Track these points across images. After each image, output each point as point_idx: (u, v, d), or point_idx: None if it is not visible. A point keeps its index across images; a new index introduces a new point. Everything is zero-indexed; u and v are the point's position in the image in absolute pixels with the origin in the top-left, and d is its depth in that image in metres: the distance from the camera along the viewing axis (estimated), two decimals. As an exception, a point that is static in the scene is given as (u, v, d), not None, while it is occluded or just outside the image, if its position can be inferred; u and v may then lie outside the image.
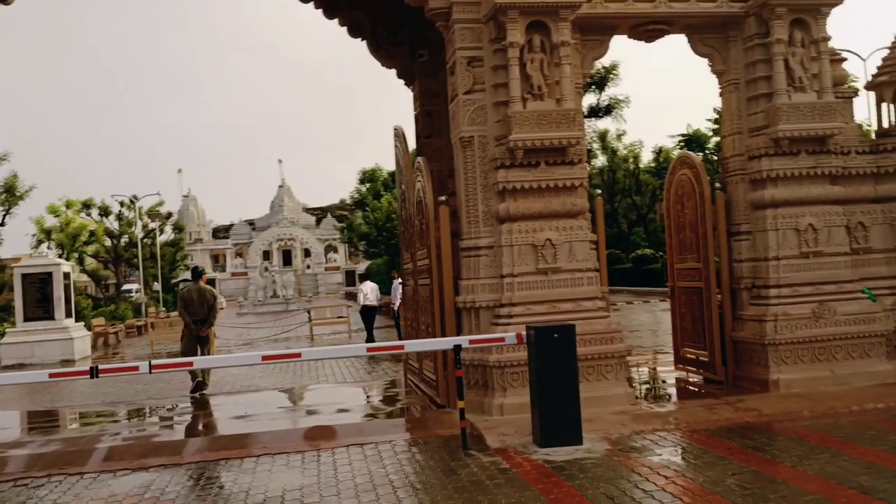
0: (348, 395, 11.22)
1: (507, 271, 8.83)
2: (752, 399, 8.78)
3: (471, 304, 8.92)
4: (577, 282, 8.93)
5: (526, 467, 6.66)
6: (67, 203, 43.06)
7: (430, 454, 7.36)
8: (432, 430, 8.28)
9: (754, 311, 9.54)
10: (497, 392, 8.53)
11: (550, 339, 7.29)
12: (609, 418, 8.10)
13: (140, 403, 11.75)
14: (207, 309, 11.91)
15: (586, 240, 9.04)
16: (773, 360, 9.18)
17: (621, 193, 52.00)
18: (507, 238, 8.84)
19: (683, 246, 10.71)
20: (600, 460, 6.74)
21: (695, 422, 7.93)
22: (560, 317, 8.67)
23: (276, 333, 26.55)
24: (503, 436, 7.66)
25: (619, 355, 8.73)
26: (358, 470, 6.92)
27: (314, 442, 8.03)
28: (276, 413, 10.01)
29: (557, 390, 7.26)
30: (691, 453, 6.87)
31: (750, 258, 9.76)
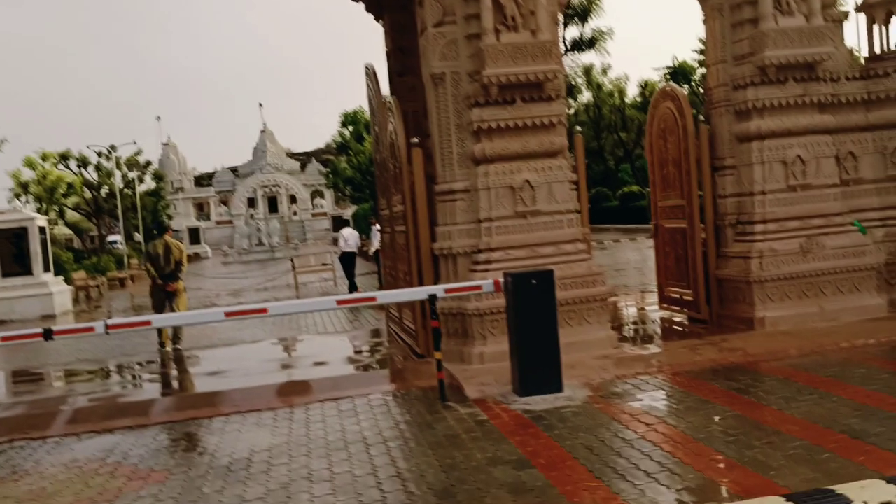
0: (327, 347, 10.95)
1: (484, 216, 8.47)
2: (736, 338, 8.55)
3: (447, 250, 8.59)
4: (558, 224, 8.59)
5: (504, 418, 6.42)
6: (44, 155, 42.21)
7: (407, 408, 7.11)
8: (411, 382, 8.04)
9: (739, 247, 9.25)
10: (477, 340, 8.26)
11: (528, 285, 6.98)
12: (591, 363, 7.86)
13: (115, 360, 11.47)
14: (174, 264, 11.63)
15: (566, 180, 8.67)
16: (759, 298, 8.93)
17: (607, 130, 51.48)
18: (483, 181, 8.46)
19: (667, 183, 10.37)
20: (580, 408, 6.50)
21: (678, 364, 7.70)
22: (540, 261, 8.37)
23: (260, 283, 26.24)
24: (482, 386, 7.42)
25: (601, 299, 8.45)
26: (331, 427, 6.66)
27: (287, 398, 7.77)
28: (251, 368, 9.74)
29: (536, 338, 6.99)
30: (674, 397, 6.64)
31: (735, 193, 9.43)
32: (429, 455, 5.65)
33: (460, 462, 5.42)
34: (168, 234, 11.93)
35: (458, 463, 5.41)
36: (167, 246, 11.65)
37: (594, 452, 5.36)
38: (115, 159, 53.66)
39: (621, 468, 5.02)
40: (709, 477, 4.75)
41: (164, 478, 5.73)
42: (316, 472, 5.51)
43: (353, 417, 6.91)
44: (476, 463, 5.38)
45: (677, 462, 5.04)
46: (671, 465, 5.00)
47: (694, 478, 4.76)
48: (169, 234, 12.01)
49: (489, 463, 5.35)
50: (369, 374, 8.59)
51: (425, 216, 8.77)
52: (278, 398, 7.81)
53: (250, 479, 5.50)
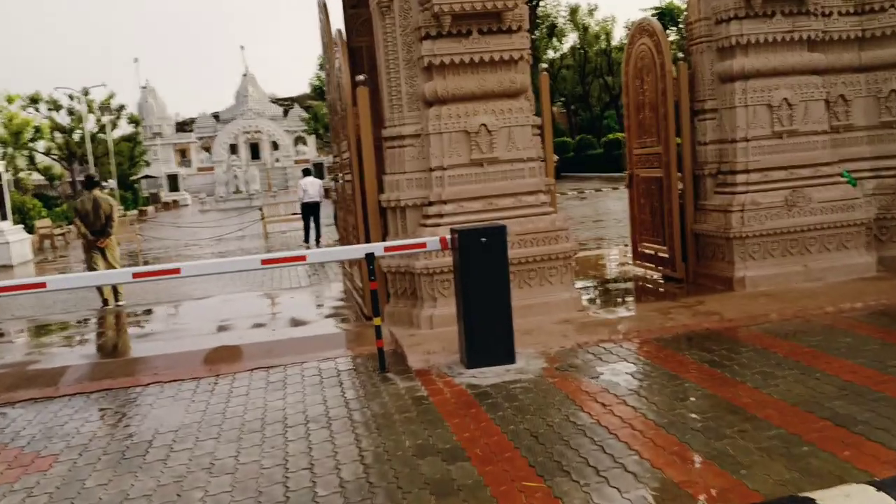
0: (272, 306, 10.15)
1: (436, 164, 7.61)
2: (713, 300, 7.81)
3: (395, 202, 7.74)
4: (518, 174, 7.74)
5: (445, 395, 5.66)
6: (9, 98, 40.61)
7: (342, 379, 6.35)
8: (353, 348, 7.28)
9: (719, 200, 8.46)
10: (426, 302, 7.48)
11: (477, 243, 6.17)
12: (550, 328, 7.11)
13: (48, 319, 10.63)
14: (105, 219, 10.99)
15: (528, 124, 7.80)
16: (739, 256, 8.17)
17: (593, 74, 50.21)
18: (435, 124, 7.58)
19: (643, 128, 9.50)
20: (532, 383, 5.75)
21: (646, 330, 6.96)
22: (497, 215, 7.55)
23: (228, 232, 25.33)
24: (428, 354, 6.65)
25: (565, 256, 7.66)
26: (252, 403, 5.90)
27: (214, 366, 6.99)
28: (188, 329, 8.95)
29: (486, 303, 6.20)
30: (639, 371, 5.89)
31: (716, 140, 8.60)
32: (352, 442, 4.89)
33: (386, 451, 4.67)
34: (98, 189, 11.26)
35: (383, 452, 4.66)
36: (96, 201, 10.98)
37: (539, 441, 4.62)
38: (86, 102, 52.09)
39: (568, 463, 4.27)
40: (669, 476, 4.01)
41: (48, 465, 4.97)
42: (219, 462, 4.75)
43: (279, 391, 6.14)
44: (403, 452, 4.63)
45: (634, 456, 4.29)
46: (627, 459, 4.26)
47: (651, 478, 4.02)
48: (100, 188, 11.39)
49: (418, 453, 4.60)
50: (309, 339, 7.81)
51: (371, 164, 7.91)
52: (205, 366, 7.03)
53: (143, 470, 4.74)
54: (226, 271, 6.26)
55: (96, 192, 11.11)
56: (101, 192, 11.27)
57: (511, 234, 7.45)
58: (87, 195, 11.07)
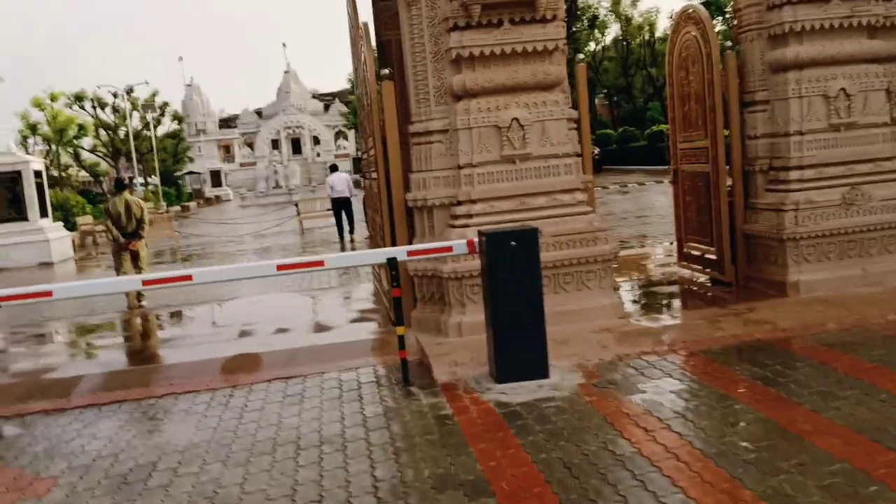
0: (298, 309, 9.78)
1: (464, 160, 7.17)
2: (765, 307, 7.25)
3: (422, 202, 7.32)
4: (552, 170, 7.26)
5: (472, 414, 5.23)
6: (52, 96, 41.10)
7: (363, 393, 5.95)
8: (378, 357, 6.88)
9: (771, 198, 7.87)
10: (454, 308, 7.05)
11: (506, 246, 5.72)
12: (588, 338, 6.63)
13: (72, 321, 10.42)
14: (136, 221, 10.94)
15: (563, 117, 7.30)
16: (793, 258, 7.59)
17: (636, 66, 49.18)
18: (463, 119, 7.13)
19: (688, 121, 8.93)
20: (567, 402, 5.29)
21: (693, 341, 6.44)
22: (531, 214, 7.09)
23: (267, 228, 25.20)
24: (455, 366, 6.22)
25: (604, 259, 7.16)
26: (266, 419, 5.53)
27: (232, 376, 6.65)
28: (207, 334, 8.65)
29: (517, 312, 5.75)
30: (685, 390, 5.39)
31: (767, 133, 8.00)
32: (367, 470, 4.48)
33: (402, 482, 4.26)
34: (129, 192, 11.23)
35: (399, 484, 4.24)
36: (127, 203, 10.92)
37: (573, 473, 4.16)
38: (130, 100, 52.69)
39: (605, 502, 3.81)
40: (718, 521, 3.54)
41: (46, 489, 4.66)
42: (223, 491, 4.38)
43: (295, 406, 5.77)
44: (421, 484, 4.21)
45: (679, 494, 3.81)
46: (671, 498, 3.78)
47: (697, 522, 3.55)
48: (131, 191, 11.27)
49: (438, 484, 4.17)
50: (332, 346, 7.43)
51: (397, 161, 7.49)
52: (222, 376, 6.70)
53: (143, 497, 4.40)
54: (238, 278, 5.90)
55: (126, 195, 11.07)
56: (131, 194, 11.23)
57: (545, 235, 6.99)
58: (118, 197, 11.03)
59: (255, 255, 18.24)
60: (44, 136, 40.41)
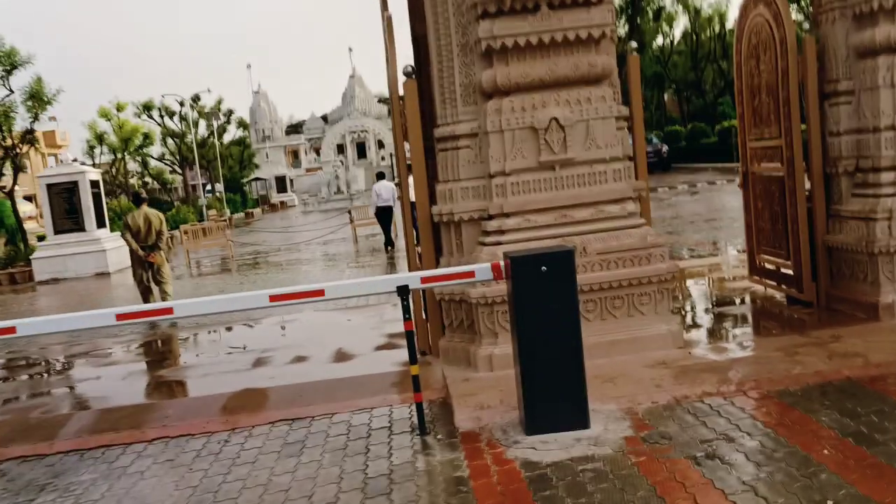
0: (325, 331, 8.96)
1: (496, 168, 6.26)
2: (853, 334, 6.12)
3: (448, 216, 6.43)
4: (599, 177, 6.29)
5: (492, 478, 4.32)
6: (118, 106, 41.68)
7: (373, 443, 5.10)
8: (397, 395, 6.02)
9: (858, 205, 6.72)
10: (485, 338, 6.15)
11: (537, 271, 4.79)
12: (640, 374, 5.64)
13: (85, 345, 9.83)
14: (156, 234, 10.86)
15: (611, 116, 6.32)
16: (886, 275, 6.44)
17: (706, 59, 47.28)
18: (494, 120, 6.23)
19: (759, 116, 7.83)
20: (609, 462, 4.33)
21: (767, 379, 5.37)
22: (573, 229, 6.15)
23: (320, 237, 24.68)
24: (480, 410, 5.32)
25: (660, 280, 6.15)
26: (255, 476, 4.73)
27: (231, 417, 5.89)
28: (219, 363, 7.92)
29: (550, 348, 4.82)
30: (757, 449, 4.35)
31: (852, 129, 6.86)
32: (352, 555, 3.63)
33: (390, 577, 3.39)
34: (145, 205, 11.13)
35: (386, 580, 3.38)
36: (147, 217, 10.84)
37: (605, 574, 3.22)
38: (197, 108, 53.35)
39: None
40: None
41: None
42: (176, 581, 3.59)
43: (293, 458, 4.96)
44: (412, 583, 3.33)
45: None
46: None
47: None
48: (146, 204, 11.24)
49: (432, 585, 3.29)
50: (349, 380, 6.60)
51: (421, 170, 6.64)
52: (221, 417, 5.95)
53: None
54: (223, 311, 5.13)
55: (145, 208, 11.02)
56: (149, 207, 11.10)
57: (590, 253, 6.05)
58: (138, 211, 11.10)
59: (302, 265, 17.64)
60: (110, 146, 40.98)
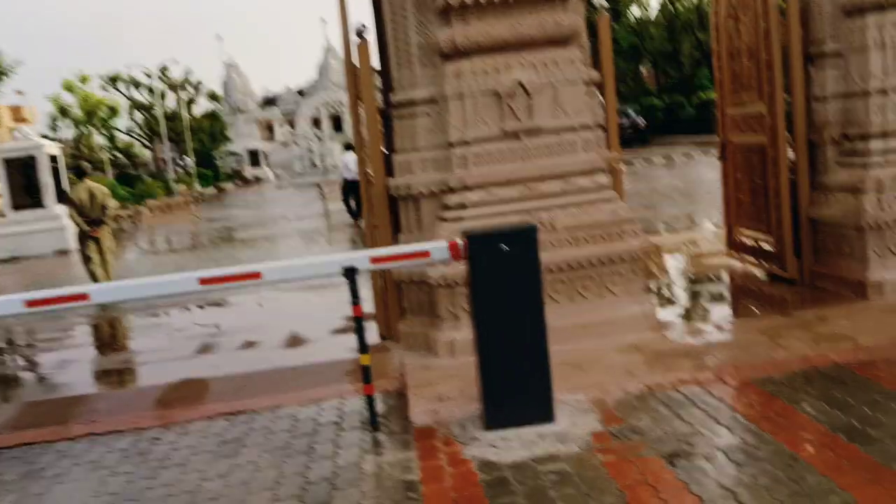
0: (281, 313, 8.45)
1: (456, 137, 5.75)
2: (840, 315, 5.72)
3: (406, 189, 5.92)
4: (567, 147, 5.80)
5: (444, 483, 3.86)
6: (82, 78, 40.52)
7: (315, 442, 4.63)
8: (350, 385, 5.52)
9: (845, 176, 6.30)
10: (446, 322, 5.67)
11: (496, 250, 4.31)
12: (611, 360, 5.20)
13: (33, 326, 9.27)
14: (100, 208, 10.27)
15: (580, 80, 5.83)
16: (875, 251, 6.03)
17: (683, 30, 46.70)
18: (453, 85, 5.71)
19: (739, 82, 7.37)
20: (575, 463, 3.89)
21: (748, 365, 4.95)
22: (540, 203, 5.67)
23: (292, 211, 24.10)
24: (438, 402, 4.86)
25: (632, 258, 5.70)
26: (183, 481, 4.25)
27: (166, 412, 5.38)
28: (162, 349, 7.38)
29: (512, 335, 4.35)
30: (737, 446, 3.92)
31: (839, 94, 6.41)
32: (278, 579, 3.17)
33: None
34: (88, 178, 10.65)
35: None
36: (90, 190, 10.30)
37: None
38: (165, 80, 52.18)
39: None
40: None
41: None
42: None
43: (228, 460, 4.47)
44: None
45: None
46: None
47: None
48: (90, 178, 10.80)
49: None
50: (300, 369, 6.11)
51: (376, 139, 6.11)
52: (155, 411, 5.44)
53: None
54: (148, 296, 4.61)
55: (89, 182, 10.47)
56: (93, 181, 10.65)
57: (559, 228, 5.59)
58: (81, 185, 10.50)
59: (269, 241, 17.09)
60: (75, 119, 39.87)
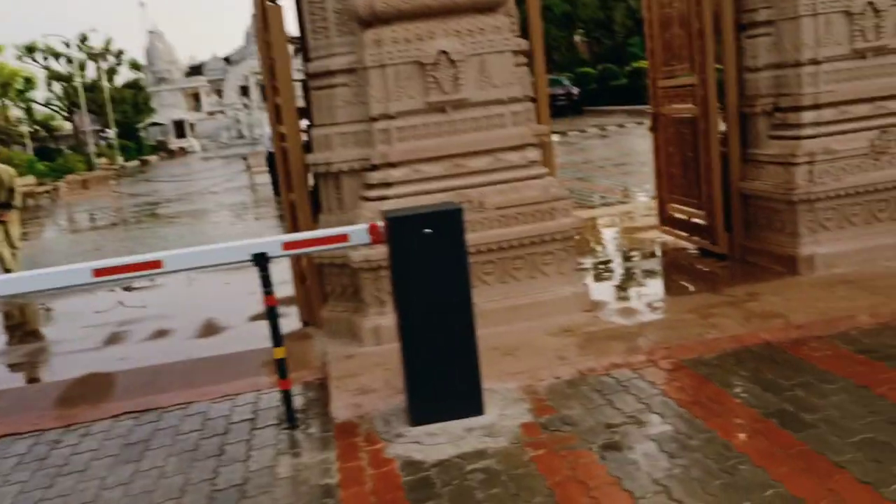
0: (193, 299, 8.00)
1: (378, 110, 5.42)
2: (772, 291, 5.62)
3: (326, 166, 5.58)
4: (496, 121, 5.53)
5: (365, 485, 3.60)
6: (-6, 48, 38.51)
7: (227, 442, 4.31)
8: (269, 377, 5.20)
9: (777, 147, 6.19)
10: (371, 308, 5.38)
11: (419, 234, 4.03)
12: (543, 344, 5.00)
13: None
14: (7, 191, 9.53)
15: (508, 49, 5.54)
16: (806, 225, 5.95)
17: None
18: (374, 54, 5.36)
19: (670, 52, 7.19)
20: (503, 459, 3.67)
21: (679, 346, 4.81)
22: (467, 181, 5.40)
23: (216, 185, 23.33)
24: (362, 394, 4.58)
25: (564, 237, 5.49)
26: (81, 490, 3.89)
27: (68, 411, 4.99)
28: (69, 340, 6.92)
29: (438, 323, 4.09)
30: (670, 435, 3.75)
31: (771, 64, 6.28)
32: None
33: None
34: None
35: None
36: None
37: None
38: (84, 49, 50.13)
39: None
40: None
41: None
42: None
43: (131, 464, 4.12)
44: None
45: None
46: None
47: None
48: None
49: None
50: (214, 359, 5.74)
51: (292, 111, 5.74)
52: (56, 409, 5.03)
53: None
54: (35, 289, 4.21)
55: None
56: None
57: (488, 207, 5.34)
58: None
59: (192, 218, 16.47)
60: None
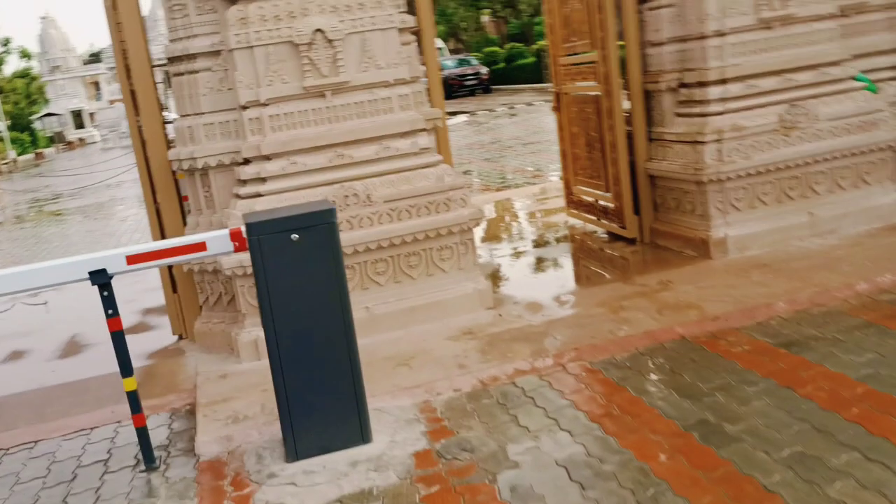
0: (58, 312, 7.17)
1: (248, 97, 4.80)
2: (684, 278, 5.28)
3: (190, 161, 4.94)
4: (381, 105, 4.99)
5: (227, 541, 3.05)
6: None
7: (75, 490, 3.68)
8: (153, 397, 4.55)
9: (683, 125, 5.85)
10: (248, 318, 4.79)
11: (286, 239, 3.47)
12: (442, 350, 4.52)
13: None
14: None
15: (393, 27, 5.00)
16: (716, 206, 5.64)
17: (521, -24, 46.59)
18: (240, 34, 4.73)
19: (570, 28, 6.78)
20: (391, 500, 3.17)
21: (589, 346, 4.40)
22: (352, 172, 4.86)
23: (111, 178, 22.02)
24: (234, 423, 4.00)
25: (463, 229, 5.01)
26: None
27: None
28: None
29: (312, 341, 3.55)
30: (580, 459, 3.31)
31: (675, 38, 5.92)
32: None
33: None
34: None
35: None
36: None
37: None
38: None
39: None
40: None
41: None
42: None
43: (-46, 527, 3.47)
44: None
45: None
46: None
47: None
48: None
49: None
50: (72, 385, 5.03)
51: (151, 100, 5.07)
52: None
53: None
54: None
55: None
56: None
57: (376, 200, 4.81)
58: None
59: (82, 215, 15.39)
60: None
